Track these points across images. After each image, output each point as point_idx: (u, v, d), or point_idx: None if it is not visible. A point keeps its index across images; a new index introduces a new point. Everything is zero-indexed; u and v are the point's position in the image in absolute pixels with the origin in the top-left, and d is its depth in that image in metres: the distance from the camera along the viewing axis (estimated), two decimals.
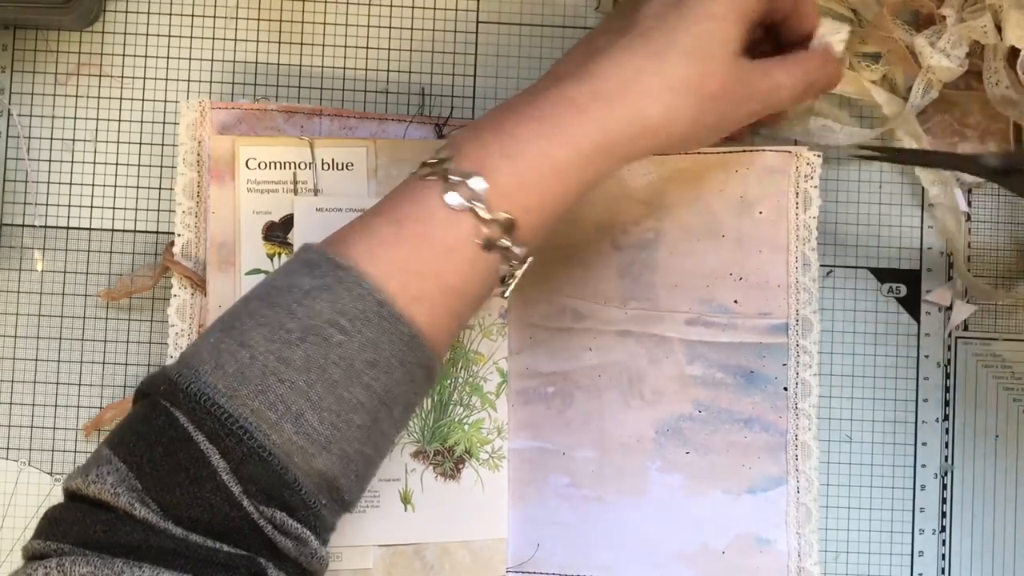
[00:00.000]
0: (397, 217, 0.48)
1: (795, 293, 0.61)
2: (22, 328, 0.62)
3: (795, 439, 0.61)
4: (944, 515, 0.63)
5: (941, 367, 0.64)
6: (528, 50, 0.64)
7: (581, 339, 0.61)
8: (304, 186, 0.58)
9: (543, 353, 0.61)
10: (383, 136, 0.61)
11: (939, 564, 0.63)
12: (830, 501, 0.63)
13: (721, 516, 0.61)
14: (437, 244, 0.47)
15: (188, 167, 0.60)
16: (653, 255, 0.61)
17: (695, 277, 0.61)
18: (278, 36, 0.63)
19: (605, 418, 0.61)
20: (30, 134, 0.62)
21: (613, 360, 0.61)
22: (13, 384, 0.62)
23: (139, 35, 0.63)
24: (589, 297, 0.61)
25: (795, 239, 0.61)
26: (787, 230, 0.61)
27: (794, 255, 0.61)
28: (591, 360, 0.61)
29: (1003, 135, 0.63)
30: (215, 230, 0.58)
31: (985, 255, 0.64)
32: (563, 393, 0.61)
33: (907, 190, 0.64)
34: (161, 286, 0.61)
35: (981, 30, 0.59)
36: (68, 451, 0.62)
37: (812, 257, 0.61)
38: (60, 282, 0.62)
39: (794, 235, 0.61)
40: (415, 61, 0.64)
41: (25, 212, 0.62)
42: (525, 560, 0.60)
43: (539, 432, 0.61)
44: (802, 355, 0.61)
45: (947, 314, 0.64)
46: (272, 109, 0.61)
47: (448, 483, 0.59)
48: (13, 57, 0.63)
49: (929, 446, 0.63)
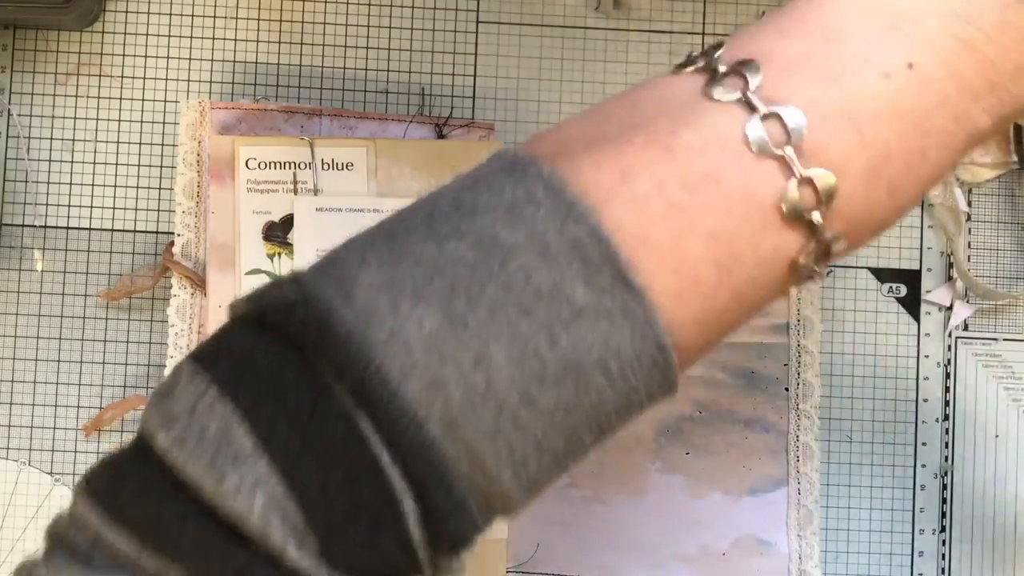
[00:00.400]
0: (670, 146, 0.32)
1: (796, 293, 0.61)
2: (22, 328, 0.62)
3: (796, 440, 0.61)
4: (944, 515, 0.63)
5: (941, 367, 0.64)
6: (528, 50, 0.64)
7: None
8: (304, 186, 0.58)
9: None
10: (383, 136, 0.61)
11: (939, 564, 0.63)
12: (830, 501, 0.63)
13: (721, 517, 0.61)
14: (731, 209, 0.32)
15: (188, 167, 0.60)
16: None
17: None
18: (278, 36, 0.63)
19: None
20: (30, 134, 0.62)
21: None
22: (13, 384, 0.62)
23: (139, 35, 0.63)
24: None
25: None
26: None
27: None
28: None
29: (1003, 136, 0.63)
30: (215, 230, 0.58)
31: (985, 255, 0.64)
32: None
33: None
34: (161, 286, 0.61)
35: None
36: (68, 451, 0.61)
37: None
38: (60, 282, 0.62)
39: None
40: (415, 61, 0.64)
41: (25, 212, 0.62)
42: (525, 560, 0.60)
43: None
44: (803, 355, 0.61)
45: (947, 314, 0.64)
46: (272, 109, 0.61)
47: None
48: (13, 57, 0.63)
49: (929, 446, 0.63)
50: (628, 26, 0.64)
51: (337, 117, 0.61)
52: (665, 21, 0.64)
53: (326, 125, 0.61)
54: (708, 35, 0.64)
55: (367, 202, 0.58)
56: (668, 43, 0.64)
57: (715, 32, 0.64)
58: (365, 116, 0.62)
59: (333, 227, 0.58)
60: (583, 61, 0.64)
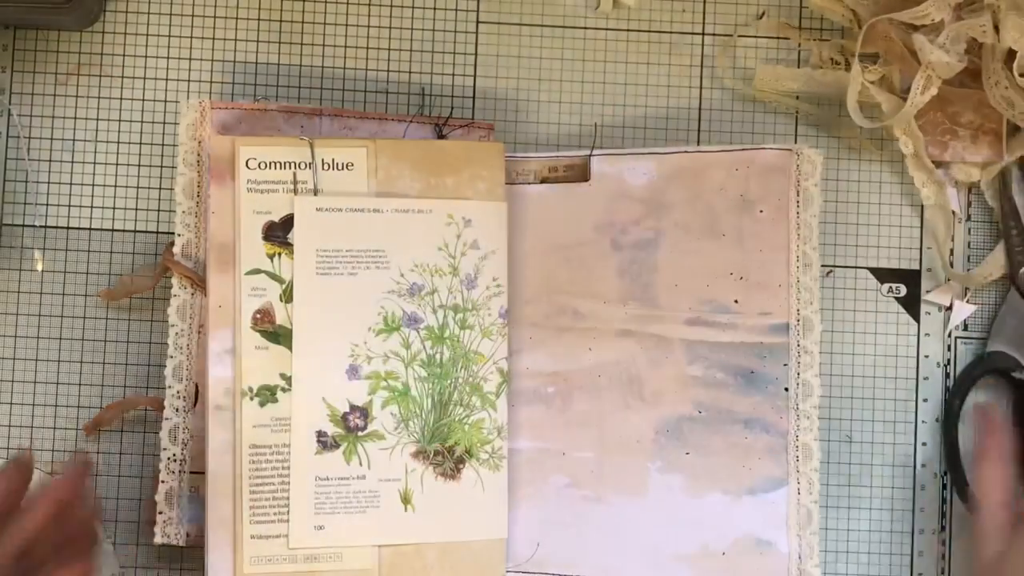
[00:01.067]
0: None
1: (796, 293, 0.61)
2: (22, 328, 0.62)
3: (796, 440, 0.61)
4: (944, 515, 0.63)
5: (941, 367, 0.64)
6: (528, 50, 0.64)
7: (581, 339, 0.61)
8: (304, 186, 0.58)
9: (543, 353, 0.61)
10: (383, 136, 0.61)
11: (939, 564, 0.63)
12: (830, 501, 0.63)
13: (721, 517, 0.61)
14: None
15: (188, 167, 0.60)
16: (653, 255, 0.61)
17: (695, 277, 0.61)
18: (278, 36, 0.63)
19: (605, 418, 0.61)
20: (30, 134, 0.63)
21: (613, 360, 0.61)
22: (13, 384, 0.62)
23: (139, 35, 0.63)
24: (589, 297, 0.61)
25: (796, 238, 0.61)
26: (788, 229, 0.61)
27: (795, 254, 0.61)
28: (591, 360, 0.61)
29: (996, 135, 0.63)
30: (215, 230, 0.58)
31: (984, 255, 0.64)
32: (563, 393, 0.61)
33: (907, 190, 0.64)
34: (161, 286, 0.61)
35: (980, 29, 0.59)
36: (68, 451, 0.61)
37: (813, 256, 0.61)
38: (60, 282, 0.62)
39: (795, 234, 0.61)
40: (415, 61, 0.64)
41: (25, 212, 0.62)
42: (525, 560, 0.60)
43: (539, 432, 0.61)
44: (803, 355, 0.61)
45: (947, 314, 0.64)
46: (272, 109, 0.61)
47: (448, 483, 0.59)
48: (13, 57, 0.63)
49: (929, 446, 0.63)
50: (628, 26, 0.64)
51: (337, 117, 0.61)
52: (665, 21, 0.64)
53: (326, 125, 0.61)
54: (708, 35, 0.64)
55: (367, 202, 0.59)
56: (668, 43, 0.64)
57: (715, 32, 0.64)
58: (365, 116, 0.62)
59: (333, 227, 0.58)
60: (583, 61, 0.64)
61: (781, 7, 0.65)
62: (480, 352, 0.60)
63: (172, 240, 0.60)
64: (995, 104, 0.61)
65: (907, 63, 0.62)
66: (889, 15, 0.60)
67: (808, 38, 0.64)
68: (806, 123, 0.64)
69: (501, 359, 0.60)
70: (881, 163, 0.64)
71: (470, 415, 0.59)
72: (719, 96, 0.64)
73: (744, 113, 0.64)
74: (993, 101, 0.61)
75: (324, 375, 0.58)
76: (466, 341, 0.60)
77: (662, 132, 0.64)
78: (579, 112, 0.64)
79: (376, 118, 0.62)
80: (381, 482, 0.58)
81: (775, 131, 0.64)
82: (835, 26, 0.65)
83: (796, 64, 0.65)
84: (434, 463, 0.59)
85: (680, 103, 0.64)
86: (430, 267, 0.59)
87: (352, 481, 0.58)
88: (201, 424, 0.58)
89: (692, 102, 0.64)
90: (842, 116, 0.63)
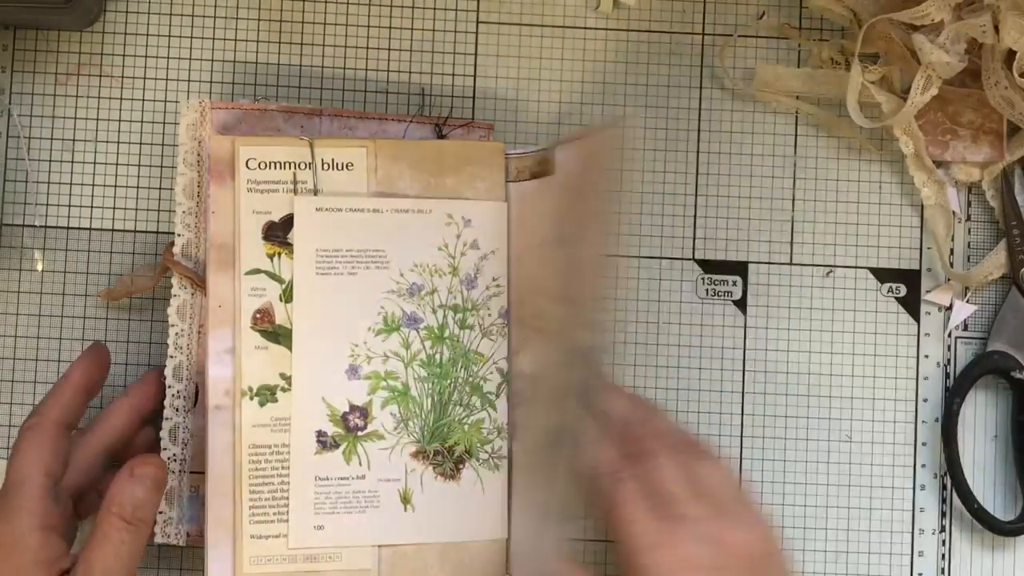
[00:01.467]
0: None
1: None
2: (22, 328, 0.62)
3: None
4: (944, 515, 0.63)
5: (941, 367, 0.64)
6: (528, 50, 0.64)
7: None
8: (304, 186, 0.58)
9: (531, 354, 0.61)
10: (383, 136, 0.61)
11: (939, 564, 0.63)
12: (830, 501, 0.63)
13: None
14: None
15: (188, 167, 0.60)
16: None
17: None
18: (278, 36, 0.63)
19: None
20: (30, 134, 0.63)
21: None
22: (13, 384, 0.62)
23: (139, 35, 0.63)
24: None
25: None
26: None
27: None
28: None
29: (996, 134, 0.63)
30: (215, 230, 0.58)
31: (984, 255, 0.64)
32: None
33: (907, 190, 0.64)
34: (161, 286, 0.61)
35: (980, 29, 0.59)
36: None
37: None
38: (60, 282, 0.62)
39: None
40: (415, 61, 0.64)
41: (25, 212, 0.62)
42: None
43: None
44: None
45: (947, 314, 0.64)
46: (272, 109, 0.61)
47: (448, 483, 0.59)
48: (13, 57, 0.63)
49: (929, 446, 0.63)
50: (628, 26, 0.64)
51: (337, 117, 0.61)
52: (665, 21, 0.64)
53: (326, 125, 0.61)
54: (708, 35, 0.64)
55: (367, 202, 0.59)
56: (668, 43, 0.64)
57: (715, 32, 0.64)
58: (365, 116, 0.62)
59: (333, 227, 0.58)
60: (583, 61, 0.64)
61: (781, 7, 0.65)
62: (480, 352, 0.60)
63: (172, 240, 0.60)
64: (995, 104, 0.61)
65: (907, 63, 0.62)
66: (889, 15, 0.60)
67: (808, 38, 0.64)
68: (806, 123, 0.64)
69: (501, 359, 0.60)
70: (881, 163, 0.64)
71: (470, 415, 0.59)
72: (719, 96, 0.64)
73: (744, 113, 0.64)
74: (993, 101, 0.61)
75: (324, 375, 0.58)
76: (466, 341, 0.60)
77: (662, 132, 0.64)
78: (579, 112, 0.64)
79: (376, 118, 0.62)
80: (381, 482, 0.58)
81: (775, 131, 0.64)
82: (835, 26, 0.65)
83: (796, 64, 0.65)
84: (434, 463, 0.59)
85: (680, 103, 0.64)
86: (430, 267, 0.59)
87: (352, 481, 0.58)
88: (201, 424, 0.58)
89: (692, 102, 0.64)
90: (842, 116, 0.63)
